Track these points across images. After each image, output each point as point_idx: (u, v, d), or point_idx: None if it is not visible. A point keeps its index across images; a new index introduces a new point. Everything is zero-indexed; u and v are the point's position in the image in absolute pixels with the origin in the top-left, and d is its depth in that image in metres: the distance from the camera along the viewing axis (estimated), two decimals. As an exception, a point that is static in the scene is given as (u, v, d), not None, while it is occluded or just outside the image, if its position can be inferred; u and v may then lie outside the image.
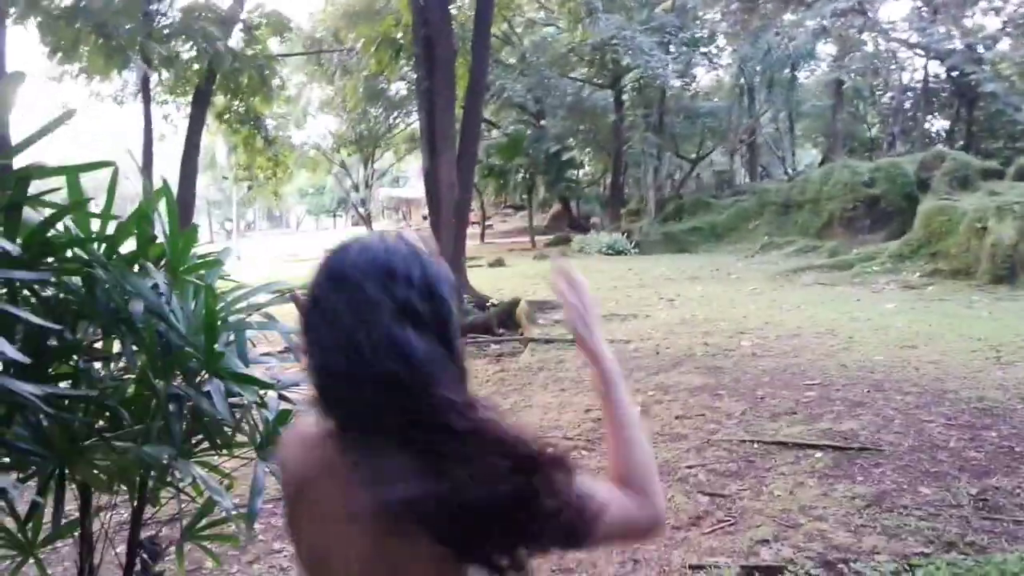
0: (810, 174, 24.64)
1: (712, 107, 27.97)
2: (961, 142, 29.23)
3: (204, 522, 2.31)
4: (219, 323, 1.90)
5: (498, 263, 20.25)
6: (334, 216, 77.01)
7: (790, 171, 32.46)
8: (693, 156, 32.21)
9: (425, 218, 17.94)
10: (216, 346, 1.86)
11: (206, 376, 1.89)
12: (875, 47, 26.72)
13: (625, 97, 28.11)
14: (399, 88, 29.61)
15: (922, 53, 32.65)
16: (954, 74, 32.97)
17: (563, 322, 2.12)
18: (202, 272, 1.97)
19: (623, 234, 24.41)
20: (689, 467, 4.82)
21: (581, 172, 36.34)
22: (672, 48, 22.81)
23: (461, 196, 11.87)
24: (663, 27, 22.20)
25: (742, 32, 22.89)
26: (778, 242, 21.83)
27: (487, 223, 37.83)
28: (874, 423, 5.29)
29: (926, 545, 3.60)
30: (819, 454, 4.81)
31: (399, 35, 14.09)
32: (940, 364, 6.85)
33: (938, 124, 36.51)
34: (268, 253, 35.58)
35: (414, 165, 44.74)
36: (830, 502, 4.12)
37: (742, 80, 25.64)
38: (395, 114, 30.50)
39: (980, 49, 30.95)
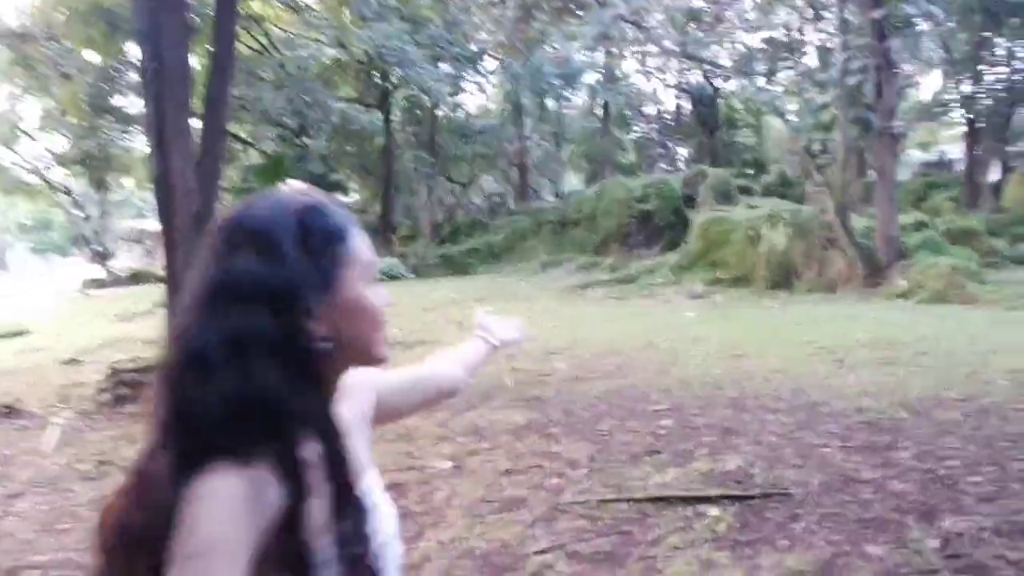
0: (584, 192, 24.76)
1: (484, 126, 27.33)
2: (706, 166, 31.38)
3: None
4: None
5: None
6: (66, 255, 67.37)
7: (560, 193, 32.91)
8: (464, 180, 31.55)
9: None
10: None
11: None
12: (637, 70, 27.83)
13: (395, 118, 26.72)
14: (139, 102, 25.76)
15: (673, 86, 35.06)
16: (699, 107, 35.81)
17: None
18: None
19: (398, 258, 22.82)
20: (540, 552, 3.26)
21: (350, 200, 34.39)
22: (443, 64, 21.75)
23: (203, 206, 9.43)
24: (434, 41, 21.06)
25: (518, 43, 22.44)
26: (557, 260, 21.50)
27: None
28: (762, 455, 4.09)
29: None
30: (714, 510, 3.47)
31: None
32: (788, 373, 5.98)
33: (683, 151, 39.64)
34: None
35: (160, 193, 39.79)
36: (765, 589, 2.75)
37: (514, 99, 25.26)
38: (131, 130, 26.47)
39: (719, 83, 33.84)
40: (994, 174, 26.90)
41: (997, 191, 25.04)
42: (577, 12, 23.13)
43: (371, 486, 0.96)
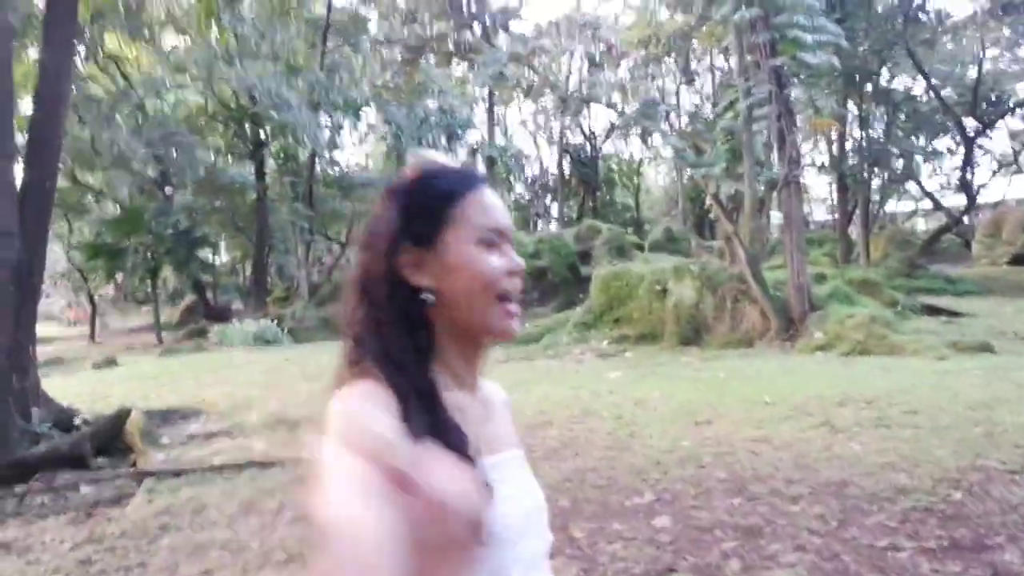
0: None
1: (365, 180, 25.91)
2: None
3: None
4: None
5: (108, 363, 15.27)
6: None
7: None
8: (343, 239, 29.96)
9: None
10: None
11: None
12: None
13: (269, 170, 24.98)
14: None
15: (555, 143, 35.29)
16: (580, 166, 36.19)
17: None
18: None
19: (273, 321, 20.71)
20: None
21: (218, 259, 32.01)
22: (323, 110, 20.36)
23: (26, 252, 7.55)
24: (312, 86, 19.68)
25: (404, 88, 21.38)
26: (449, 321, 20.30)
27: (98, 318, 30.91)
28: (819, 569, 2.95)
29: None
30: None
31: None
32: (772, 442, 4.95)
33: (564, 210, 39.98)
34: None
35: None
36: None
37: (396, 152, 24.07)
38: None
39: (598, 145, 34.28)
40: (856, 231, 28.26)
41: (866, 247, 26.22)
42: (468, 55, 22.50)
43: (500, 466, 0.92)
